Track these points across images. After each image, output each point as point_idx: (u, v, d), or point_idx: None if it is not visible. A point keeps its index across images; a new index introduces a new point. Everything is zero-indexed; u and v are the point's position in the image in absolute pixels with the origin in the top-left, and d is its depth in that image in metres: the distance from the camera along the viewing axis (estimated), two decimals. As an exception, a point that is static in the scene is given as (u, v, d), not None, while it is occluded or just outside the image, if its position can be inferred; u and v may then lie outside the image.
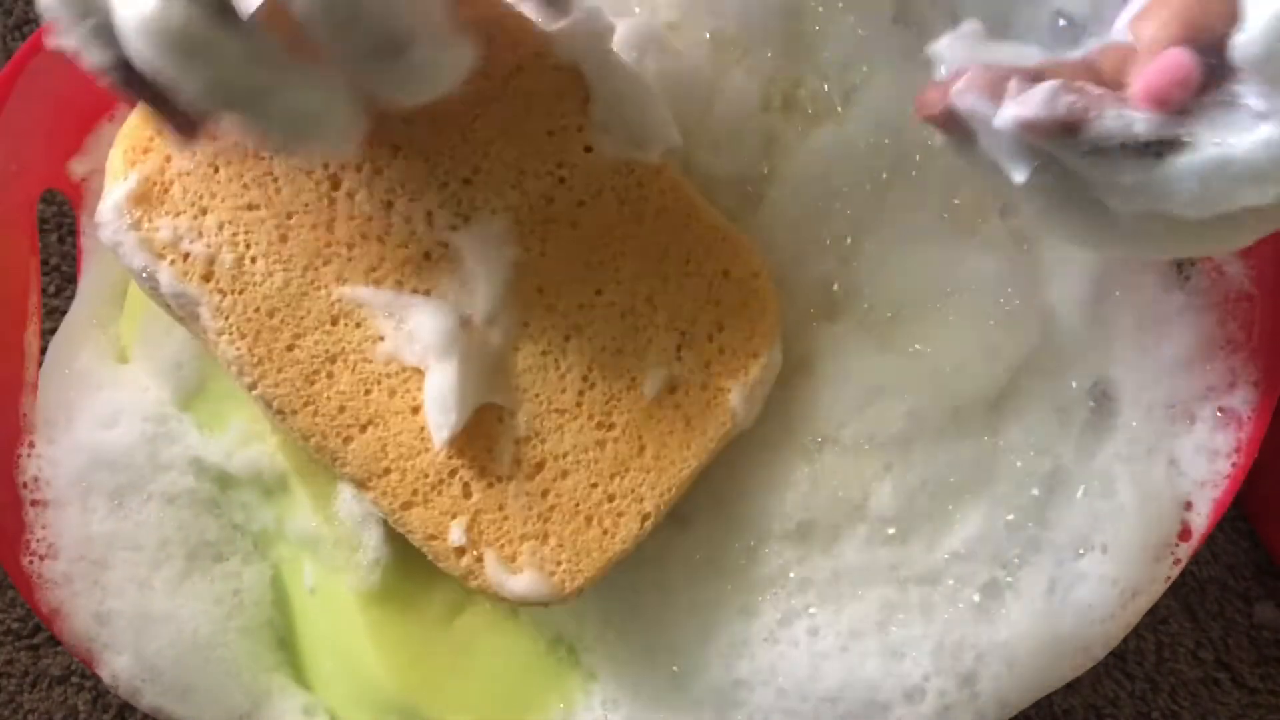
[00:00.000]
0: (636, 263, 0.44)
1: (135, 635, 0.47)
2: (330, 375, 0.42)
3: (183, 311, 0.43)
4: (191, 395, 0.49)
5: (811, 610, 0.46)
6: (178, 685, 0.47)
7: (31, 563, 0.48)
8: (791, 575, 0.45)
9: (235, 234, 0.42)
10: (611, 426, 0.43)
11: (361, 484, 0.42)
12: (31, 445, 0.49)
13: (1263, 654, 0.55)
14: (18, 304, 0.50)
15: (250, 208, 0.43)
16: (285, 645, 0.49)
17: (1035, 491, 0.46)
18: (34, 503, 0.48)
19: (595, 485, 0.43)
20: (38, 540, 0.48)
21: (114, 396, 0.49)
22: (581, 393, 0.43)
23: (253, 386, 0.42)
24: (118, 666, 0.47)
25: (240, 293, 0.42)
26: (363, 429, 0.42)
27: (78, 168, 0.51)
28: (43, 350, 0.50)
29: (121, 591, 0.48)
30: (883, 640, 0.45)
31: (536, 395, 0.43)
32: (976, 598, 0.46)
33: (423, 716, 0.46)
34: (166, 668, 0.47)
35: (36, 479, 0.48)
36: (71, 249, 0.57)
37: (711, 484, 0.46)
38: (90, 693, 0.53)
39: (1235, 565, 0.56)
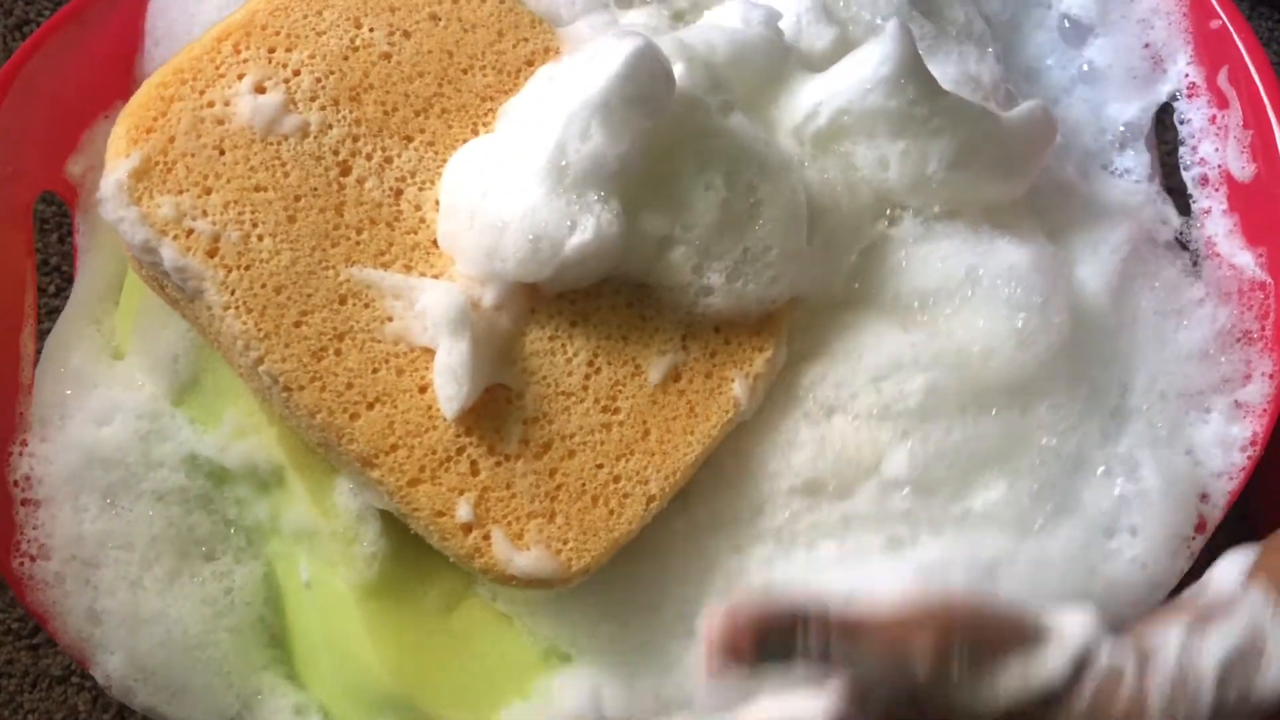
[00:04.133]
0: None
1: (127, 635, 0.46)
2: (338, 352, 0.42)
3: (184, 290, 0.42)
4: (186, 389, 0.49)
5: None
6: (169, 685, 0.46)
7: (22, 564, 0.47)
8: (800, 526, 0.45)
9: (241, 213, 0.42)
10: (617, 410, 0.43)
11: (368, 461, 0.42)
12: (24, 443, 0.48)
13: None
14: (14, 306, 0.50)
15: (257, 189, 0.43)
16: (277, 643, 0.48)
17: (1060, 467, 0.46)
18: (25, 502, 0.47)
19: (601, 466, 0.43)
20: (28, 541, 0.47)
21: (108, 394, 0.49)
22: (587, 377, 0.43)
23: (259, 362, 0.41)
24: (110, 666, 0.46)
25: (246, 268, 0.42)
26: (370, 406, 0.42)
27: (74, 166, 0.51)
28: (39, 352, 0.50)
29: (113, 591, 0.47)
30: None
31: (544, 378, 0.43)
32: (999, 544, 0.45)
33: (418, 710, 0.45)
34: (158, 667, 0.46)
35: (28, 477, 0.48)
36: (71, 249, 0.57)
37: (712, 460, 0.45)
38: (90, 693, 0.52)
39: None
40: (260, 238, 0.42)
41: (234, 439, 0.47)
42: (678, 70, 0.43)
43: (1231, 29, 0.51)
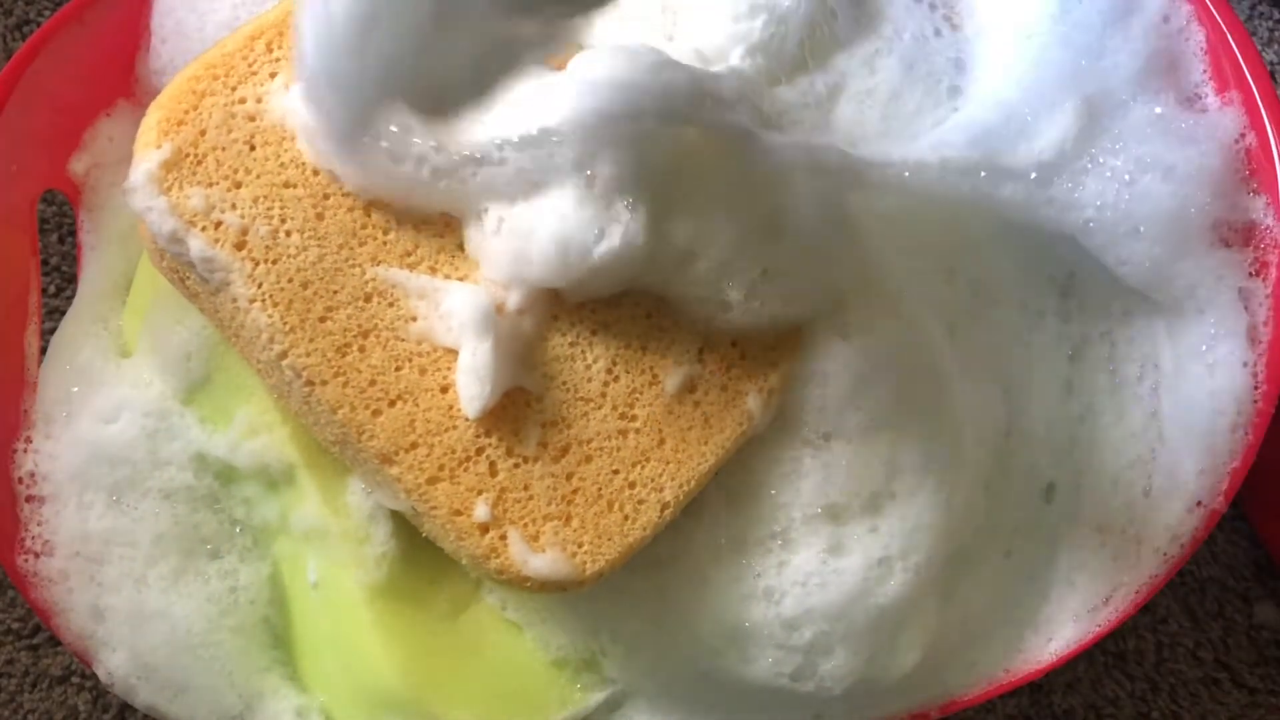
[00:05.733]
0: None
1: (131, 632, 0.46)
2: (362, 349, 0.42)
3: (208, 282, 0.42)
4: (196, 388, 0.49)
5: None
6: (171, 684, 0.46)
7: (26, 560, 0.47)
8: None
9: (270, 208, 0.43)
10: (634, 418, 0.44)
11: (388, 458, 0.42)
12: (29, 440, 0.48)
13: (1263, 654, 0.56)
14: (18, 304, 0.50)
15: (287, 185, 0.43)
16: (281, 644, 0.48)
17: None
18: (30, 499, 0.47)
19: (617, 472, 0.43)
20: (32, 537, 0.47)
21: (115, 391, 0.48)
22: (606, 384, 0.44)
23: (283, 356, 0.42)
24: (113, 664, 0.46)
25: (274, 262, 0.42)
26: (392, 403, 0.42)
27: (77, 165, 0.51)
28: (43, 350, 0.50)
29: (117, 588, 0.47)
30: None
31: (563, 383, 0.44)
32: None
33: (426, 712, 0.45)
34: (160, 666, 0.46)
35: (33, 474, 0.48)
36: (71, 249, 0.57)
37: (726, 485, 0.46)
38: (90, 693, 0.52)
39: (1235, 565, 0.57)
40: (289, 233, 0.43)
41: (245, 437, 0.47)
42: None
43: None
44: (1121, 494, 0.48)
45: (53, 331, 0.50)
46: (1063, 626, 0.48)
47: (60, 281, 0.57)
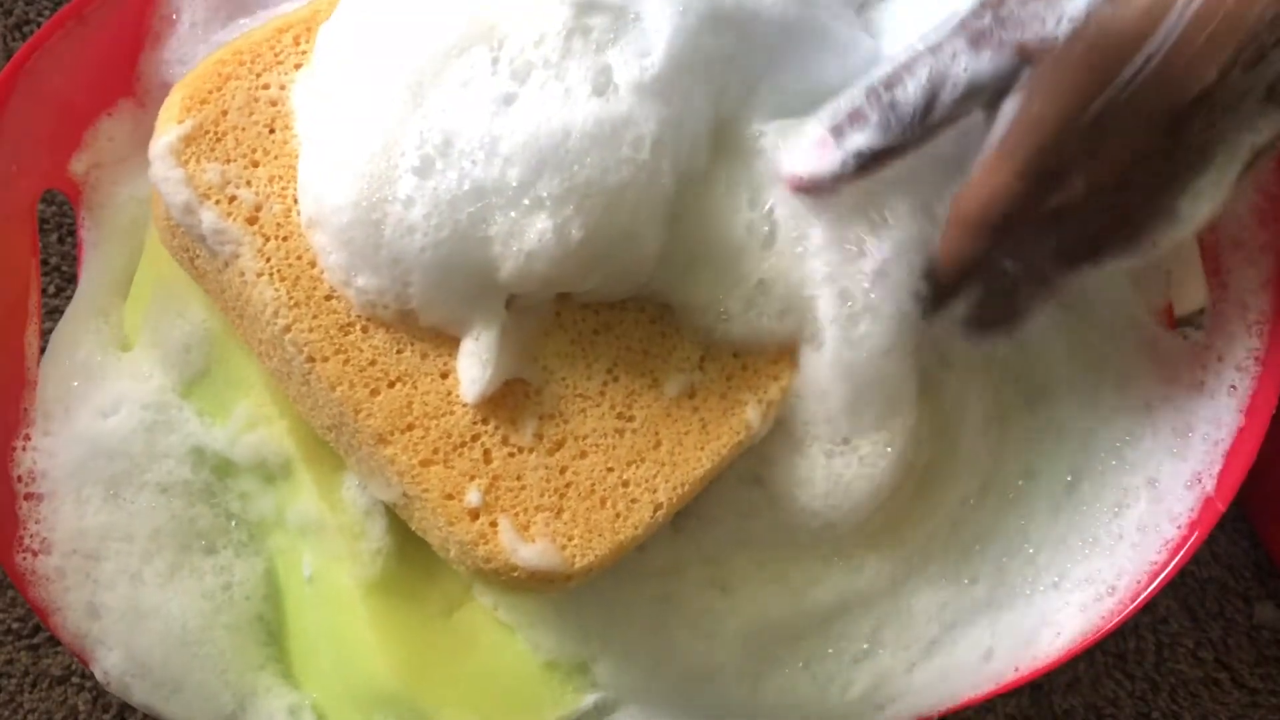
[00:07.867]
0: (669, 275, 0.46)
1: (126, 630, 0.46)
2: (365, 329, 0.42)
3: (217, 255, 0.43)
4: (195, 381, 0.49)
5: None
6: (166, 682, 0.46)
7: (24, 559, 0.46)
8: None
9: (285, 188, 0.43)
10: (631, 418, 0.44)
11: (383, 438, 0.42)
12: (28, 438, 0.48)
13: (1263, 654, 0.55)
14: (18, 304, 0.50)
15: (302, 169, 0.44)
16: (274, 641, 0.47)
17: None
18: (28, 496, 0.47)
19: (611, 469, 0.43)
20: (30, 535, 0.47)
21: (114, 385, 0.48)
22: (605, 383, 0.44)
23: (286, 330, 0.42)
24: (109, 663, 0.46)
25: (285, 239, 0.43)
26: (391, 384, 0.42)
27: (77, 165, 0.51)
28: (42, 350, 0.50)
29: (113, 585, 0.46)
30: None
31: (563, 379, 0.44)
32: None
33: (419, 709, 0.44)
34: (155, 664, 0.46)
35: (31, 471, 0.47)
36: (71, 249, 0.57)
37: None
38: (90, 693, 0.52)
39: (1235, 565, 0.56)
40: (301, 213, 0.43)
41: (244, 431, 0.47)
42: None
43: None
44: (1123, 496, 0.48)
45: (52, 331, 0.50)
46: (1069, 621, 0.47)
47: (60, 281, 0.57)
